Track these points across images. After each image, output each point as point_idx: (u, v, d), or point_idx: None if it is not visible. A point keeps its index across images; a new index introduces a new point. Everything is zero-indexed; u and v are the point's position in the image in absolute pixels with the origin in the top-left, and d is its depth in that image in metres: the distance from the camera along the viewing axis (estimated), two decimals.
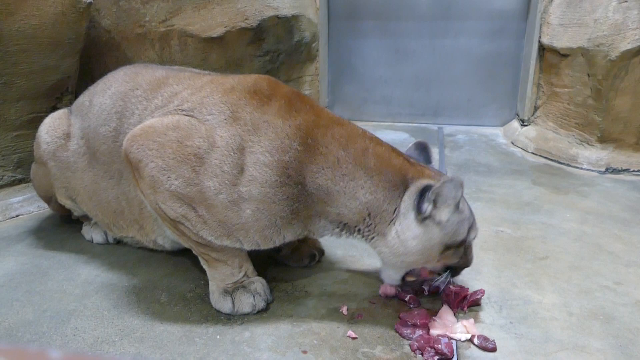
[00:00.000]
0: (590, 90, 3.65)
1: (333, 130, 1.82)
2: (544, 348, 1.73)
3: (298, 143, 1.77)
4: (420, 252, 1.78)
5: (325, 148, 1.78)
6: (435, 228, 1.74)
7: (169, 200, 1.81)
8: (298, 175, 1.76)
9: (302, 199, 1.78)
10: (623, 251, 2.43)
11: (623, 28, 3.39)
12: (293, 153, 1.76)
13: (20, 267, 2.31)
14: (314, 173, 1.76)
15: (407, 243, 1.76)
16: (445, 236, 1.76)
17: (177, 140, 1.79)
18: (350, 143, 1.80)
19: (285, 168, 1.75)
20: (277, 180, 1.74)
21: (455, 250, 1.82)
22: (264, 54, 4.11)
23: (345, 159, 1.77)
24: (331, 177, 1.76)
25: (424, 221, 1.74)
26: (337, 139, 1.80)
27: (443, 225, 1.74)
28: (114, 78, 2.32)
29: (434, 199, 1.71)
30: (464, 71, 4.82)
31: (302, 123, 1.80)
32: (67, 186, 2.42)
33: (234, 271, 1.97)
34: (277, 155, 1.75)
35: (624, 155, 3.63)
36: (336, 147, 1.78)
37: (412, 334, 1.77)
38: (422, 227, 1.74)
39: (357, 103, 5.14)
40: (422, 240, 1.75)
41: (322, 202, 1.79)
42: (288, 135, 1.77)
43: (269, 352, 1.72)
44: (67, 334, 1.82)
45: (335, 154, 1.77)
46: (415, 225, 1.74)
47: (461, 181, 1.70)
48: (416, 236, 1.75)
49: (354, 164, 1.77)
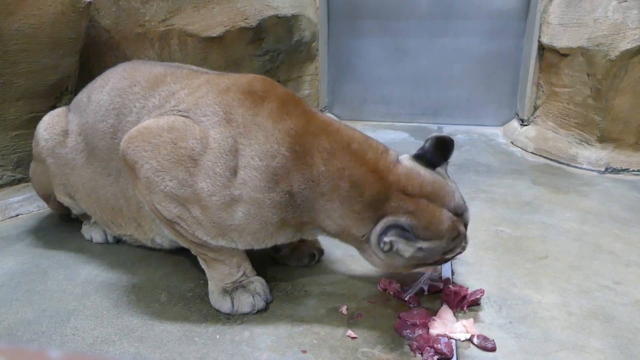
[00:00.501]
0: (590, 89, 3.65)
1: (319, 140, 1.77)
2: (544, 348, 1.73)
3: (286, 149, 1.75)
4: (391, 268, 1.85)
5: (311, 159, 1.75)
6: (399, 258, 1.71)
7: (164, 201, 1.81)
8: (285, 184, 1.74)
9: (289, 209, 1.77)
10: (623, 251, 2.43)
11: (623, 28, 3.39)
12: (281, 159, 1.74)
13: (20, 266, 2.31)
14: (301, 184, 1.74)
15: (376, 262, 1.83)
16: (411, 260, 1.74)
17: (171, 141, 1.79)
18: (331, 159, 1.74)
19: (273, 174, 1.73)
20: (265, 185, 1.73)
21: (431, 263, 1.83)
22: (263, 53, 4.11)
23: (325, 176, 1.73)
24: (313, 192, 1.75)
25: (387, 252, 1.71)
26: (321, 152, 1.75)
27: (405, 257, 1.71)
28: (112, 74, 2.32)
29: (390, 243, 1.67)
30: (463, 71, 4.82)
31: (292, 128, 1.78)
32: (65, 183, 2.42)
33: (232, 271, 1.97)
34: (266, 161, 1.74)
35: (623, 155, 3.63)
36: (319, 161, 1.74)
37: (412, 333, 1.77)
38: (387, 255, 1.73)
39: (356, 102, 5.15)
40: (388, 264, 1.80)
41: (309, 214, 1.80)
42: (277, 140, 1.75)
43: (268, 351, 1.72)
44: (66, 334, 1.82)
45: (318, 168, 1.74)
46: (380, 252, 1.74)
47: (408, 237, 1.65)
48: (382, 259, 1.78)
49: (331, 185, 1.73)
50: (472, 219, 2.69)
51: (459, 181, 3.40)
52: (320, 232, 1.89)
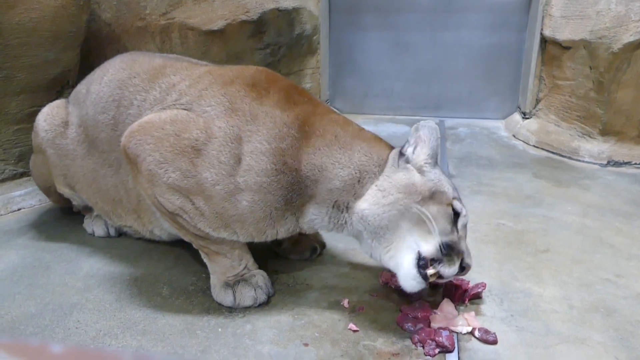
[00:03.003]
0: (592, 82, 3.63)
1: (330, 116, 1.91)
2: (545, 341, 1.73)
3: (295, 130, 1.80)
4: (400, 193, 1.72)
5: (323, 130, 1.83)
6: (415, 172, 1.77)
7: (167, 193, 1.82)
8: (294, 161, 1.78)
9: (295, 186, 1.79)
10: (624, 244, 2.43)
11: (625, 20, 3.37)
12: (290, 140, 1.78)
13: (22, 260, 2.32)
14: (310, 155, 1.79)
15: (387, 191, 1.74)
16: (427, 182, 1.75)
17: (174, 133, 1.80)
18: (347, 125, 1.91)
19: (282, 155, 1.76)
20: (273, 168, 1.75)
21: (440, 210, 1.71)
22: (264, 47, 4.10)
23: (343, 134, 1.84)
24: (327, 153, 1.80)
25: (404, 165, 1.78)
26: (335, 121, 1.89)
27: (423, 171, 1.77)
28: (111, 65, 2.32)
29: (413, 142, 1.81)
30: (465, 64, 4.80)
31: (300, 113, 1.84)
32: (65, 174, 2.43)
33: (233, 264, 1.97)
34: (275, 143, 1.77)
35: (625, 148, 3.62)
36: (333, 127, 1.85)
37: (413, 326, 1.77)
38: (402, 170, 1.77)
39: (358, 96, 5.13)
40: (402, 183, 1.73)
41: (314, 183, 1.80)
42: (286, 123, 1.80)
43: (270, 344, 1.72)
44: (69, 327, 1.83)
45: (332, 132, 1.83)
46: (395, 171, 1.78)
47: (436, 127, 1.82)
48: (397, 179, 1.75)
49: (352, 137, 1.85)
50: (474, 213, 2.70)
51: (461, 174, 3.40)
52: (319, 212, 1.84)
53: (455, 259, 1.70)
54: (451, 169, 3.50)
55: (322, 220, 1.87)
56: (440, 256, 1.67)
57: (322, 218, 1.87)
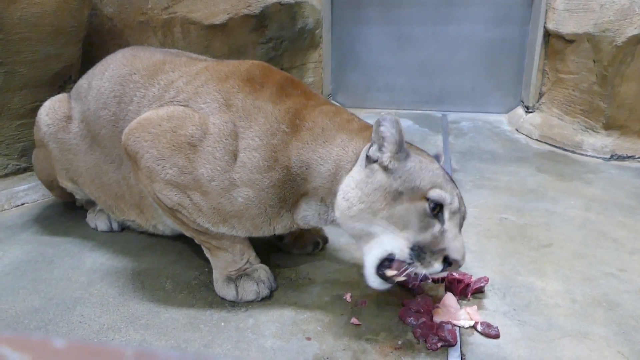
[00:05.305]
0: (595, 76, 3.61)
1: (322, 107, 1.87)
2: (547, 335, 1.73)
3: (286, 125, 1.79)
4: (364, 196, 1.63)
5: (312, 122, 1.80)
6: (380, 172, 1.63)
7: (165, 190, 1.83)
8: (285, 158, 1.77)
9: (288, 185, 1.78)
10: (627, 238, 2.42)
11: (629, 13, 3.35)
12: (281, 135, 1.78)
13: (26, 255, 2.32)
14: (299, 149, 1.77)
15: (350, 194, 1.66)
16: (392, 182, 1.61)
17: (171, 129, 1.81)
18: (336, 115, 1.85)
19: (273, 151, 1.76)
20: (265, 165, 1.75)
21: (410, 208, 1.59)
22: (267, 41, 4.09)
23: (330, 126, 1.80)
24: (313, 147, 1.77)
25: (370, 165, 1.65)
26: (325, 112, 1.85)
27: (389, 169, 1.63)
28: (112, 60, 2.32)
29: (375, 139, 1.65)
30: (468, 58, 4.78)
31: (292, 106, 1.83)
32: (68, 167, 2.43)
33: (235, 258, 1.98)
34: (266, 139, 1.77)
35: (629, 142, 3.61)
36: (323, 119, 1.82)
37: (416, 320, 1.78)
38: (366, 171, 1.65)
39: (360, 90, 5.12)
40: (365, 188, 1.64)
41: (304, 181, 1.78)
42: (277, 118, 1.79)
43: (273, 338, 1.73)
44: (73, 321, 1.84)
45: (320, 124, 1.80)
46: (360, 172, 1.67)
47: (397, 118, 1.63)
48: (360, 181, 1.65)
49: (337, 129, 1.80)
50: (476, 207, 2.70)
51: (464, 169, 3.39)
52: (311, 209, 1.83)
53: (431, 259, 1.57)
54: (454, 163, 3.50)
55: (313, 216, 1.86)
56: (407, 258, 1.57)
57: (312, 215, 1.86)
